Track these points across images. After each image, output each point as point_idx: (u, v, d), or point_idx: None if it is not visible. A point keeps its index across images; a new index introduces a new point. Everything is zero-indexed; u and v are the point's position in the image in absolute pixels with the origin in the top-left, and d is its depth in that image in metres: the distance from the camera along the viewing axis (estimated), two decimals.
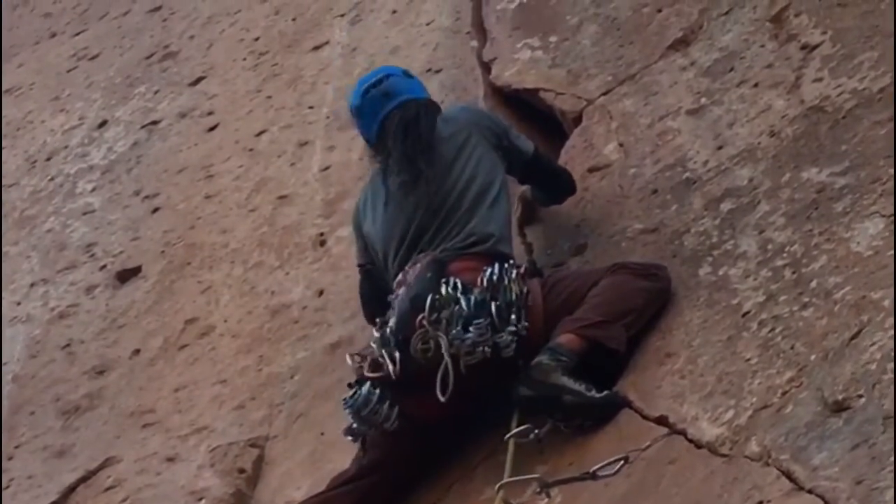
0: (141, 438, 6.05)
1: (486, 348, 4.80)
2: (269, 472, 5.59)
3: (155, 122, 7.91)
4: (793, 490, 3.86)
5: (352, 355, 5.14)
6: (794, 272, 4.61)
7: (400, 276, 5.16)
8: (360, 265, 5.58)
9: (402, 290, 5.06)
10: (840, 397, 4.01)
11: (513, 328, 4.84)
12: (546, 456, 4.69)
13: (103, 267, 7.11)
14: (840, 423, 3.94)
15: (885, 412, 3.85)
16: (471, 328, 4.81)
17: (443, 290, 4.89)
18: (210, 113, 7.73)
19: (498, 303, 4.87)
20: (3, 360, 6.81)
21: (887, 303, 4.22)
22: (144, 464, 5.92)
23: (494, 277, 4.93)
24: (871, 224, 4.54)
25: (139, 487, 5.83)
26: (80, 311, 6.92)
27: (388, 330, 4.97)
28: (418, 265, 5.09)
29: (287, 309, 6.20)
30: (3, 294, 7.26)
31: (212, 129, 7.61)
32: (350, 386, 5.02)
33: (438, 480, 5.00)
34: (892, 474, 3.66)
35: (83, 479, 6.02)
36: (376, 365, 4.96)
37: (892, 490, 3.62)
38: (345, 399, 5.01)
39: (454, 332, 4.81)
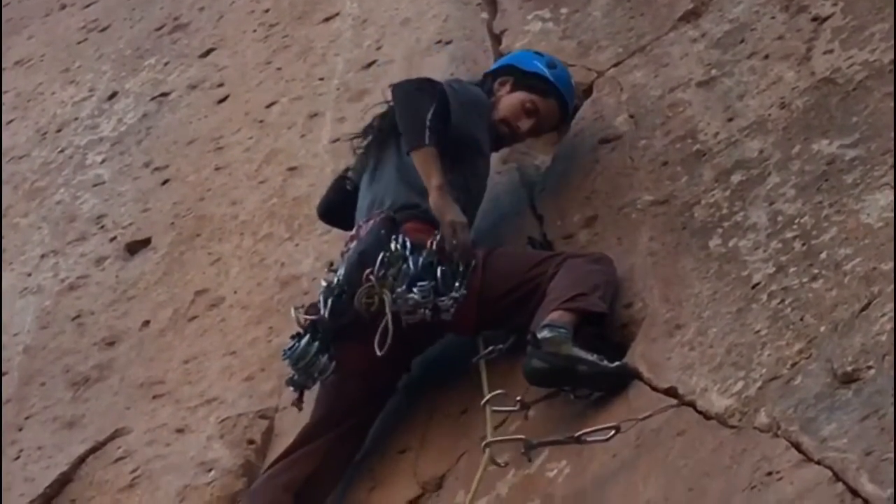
0: (150, 410, 6.06)
1: (427, 310, 4.93)
2: (278, 443, 5.58)
3: (165, 94, 7.91)
4: (802, 461, 3.85)
5: (296, 308, 5.26)
6: (803, 244, 4.60)
7: (353, 231, 5.33)
8: (345, 170, 5.78)
9: (353, 244, 5.22)
10: (849, 369, 4.00)
11: (455, 294, 4.95)
12: (552, 426, 4.70)
13: (113, 238, 7.12)
14: (849, 395, 3.93)
15: None
16: (415, 289, 4.93)
17: (392, 247, 5.01)
18: (220, 85, 7.72)
19: (444, 268, 4.98)
20: (14, 332, 6.83)
21: None
22: (154, 435, 5.93)
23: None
24: (882, 196, 4.52)
25: (149, 458, 5.84)
26: (90, 283, 6.93)
27: (335, 280, 5.11)
28: (371, 221, 5.22)
29: (297, 280, 6.20)
30: (14, 265, 7.28)
31: (222, 100, 7.61)
32: (292, 338, 5.14)
33: (448, 451, 5.01)
34: None
35: (93, 450, 6.04)
36: (314, 309, 5.11)
37: None
38: (284, 350, 5.14)
39: (399, 290, 4.93)
